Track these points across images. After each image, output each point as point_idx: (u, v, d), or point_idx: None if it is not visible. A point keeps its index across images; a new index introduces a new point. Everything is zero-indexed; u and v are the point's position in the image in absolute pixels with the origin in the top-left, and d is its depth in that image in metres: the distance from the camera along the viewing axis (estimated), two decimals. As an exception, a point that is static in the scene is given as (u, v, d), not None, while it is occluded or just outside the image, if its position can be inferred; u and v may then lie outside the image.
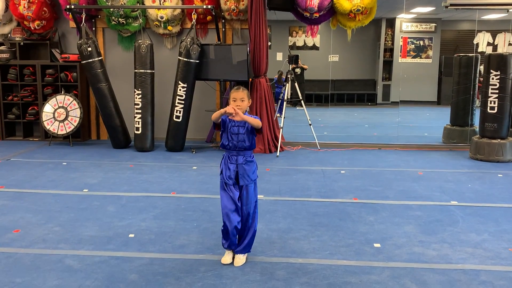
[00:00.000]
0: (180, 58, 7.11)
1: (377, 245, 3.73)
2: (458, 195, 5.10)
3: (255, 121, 3.29)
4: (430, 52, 11.85)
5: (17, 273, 3.22)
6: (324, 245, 3.73)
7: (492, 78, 6.73)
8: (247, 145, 3.35)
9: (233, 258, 3.42)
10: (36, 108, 8.07)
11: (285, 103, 7.48)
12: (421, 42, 11.82)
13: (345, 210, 4.58)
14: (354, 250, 3.64)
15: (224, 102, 7.69)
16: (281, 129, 7.41)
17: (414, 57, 11.80)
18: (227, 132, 3.37)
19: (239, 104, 3.32)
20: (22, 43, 8.01)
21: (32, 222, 4.20)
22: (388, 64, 12.54)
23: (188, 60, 7.05)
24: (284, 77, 8.74)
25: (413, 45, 11.78)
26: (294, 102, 8.38)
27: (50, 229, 4.03)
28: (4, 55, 7.91)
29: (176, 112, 7.19)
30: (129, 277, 3.16)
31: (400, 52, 11.85)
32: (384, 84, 12.51)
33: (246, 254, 3.45)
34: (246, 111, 3.39)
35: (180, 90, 7.13)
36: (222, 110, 3.22)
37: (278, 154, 7.13)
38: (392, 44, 12.51)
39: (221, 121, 3.36)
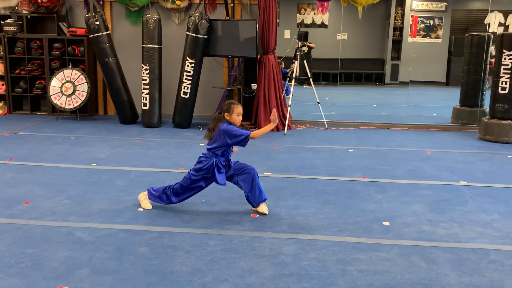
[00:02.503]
0: (188, 33, 7.04)
1: (386, 223, 3.73)
2: (467, 175, 5.08)
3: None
4: (440, 32, 11.67)
5: (28, 244, 3.24)
6: (333, 222, 3.73)
7: (505, 58, 6.64)
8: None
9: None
10: (43, 82, 8.04)
11: (293, 81, 7.42)
12: (431, 22, 11.64)
13: (353, 189, 4.57)
14: (363, 227, 3.64)
15: (232, 79, 7.64)
16: (288, 107, 7.36)
17: (423, 36, 11.63)
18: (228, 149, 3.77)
19: (239, 120, 3.74)
20: (29, 16, 7.95)
21: (41, 195, 4.22)
22: (397, 44, 12.38)
23: (196, 35, 6.98)
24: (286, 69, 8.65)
25: (423, 25, 11.61)
26: (301, 80, 8.31)
27: (59, 202, 4.05)
28: (11, 28, 7.86)
29: (184, 88, 7.15)
30: (139, 249, 3.18)
31: (410, 31, 11.68)
32: (393, 63, 12.36)
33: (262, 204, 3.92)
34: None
35: (188, 66, 7.08)
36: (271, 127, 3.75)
37: (285, 132, 7.10)
38: (402, 23, 12.32)
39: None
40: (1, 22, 7.93)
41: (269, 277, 2.85)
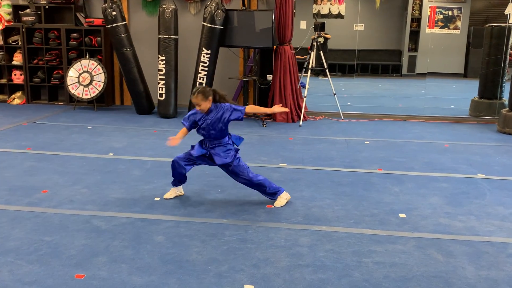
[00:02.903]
0: (204, 23, 7.03)
1: (402, 215, 3.71)
2: (485, 168, 5.02)
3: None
4: (459, 23, 11.47)
5: (46, 231, 3.29)
6: (349, 214, 3.72)
7: (525, 50, 6.52)
8: (218, 136, 3.76)
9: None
10: (61, 72, 8.12)
11: (309, 71, 7.38)
12: (450, 12, 11.44)
13: (369, 180, 4.55)
14: (379, 219, 3.62)
15: (248, 70, 7.62)
16: (304, 99, 7.33)
17: (442, 27, 11.45)
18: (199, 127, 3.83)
19: (199, 109, 3.73)
20: (47, 7, 8.01)
21: (59, 183, 4.27)
22: (414, 34, 12.21)
23: (213, 26, 6.97)
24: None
25: (441, 15, 11.42)
26: (317, 71, 8.26)
27: (77, 191, 4.10)
28: (30, 19, 7.92)
29: (200, 79, 7.15)
30: (156, 238, 3.21)
31: (428, 22, 11.51)
32: (410, 55, 12.21)
33: (279, 197, 3.87)
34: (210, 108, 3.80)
35: (203, 56, 7.08)
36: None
37: (301, 123, 7.08)
38: (420, 13, 12.13)
39: (192, 123, 3.89)
40: (20, 12, 8.00)
41: (284, 268, 2.86)
